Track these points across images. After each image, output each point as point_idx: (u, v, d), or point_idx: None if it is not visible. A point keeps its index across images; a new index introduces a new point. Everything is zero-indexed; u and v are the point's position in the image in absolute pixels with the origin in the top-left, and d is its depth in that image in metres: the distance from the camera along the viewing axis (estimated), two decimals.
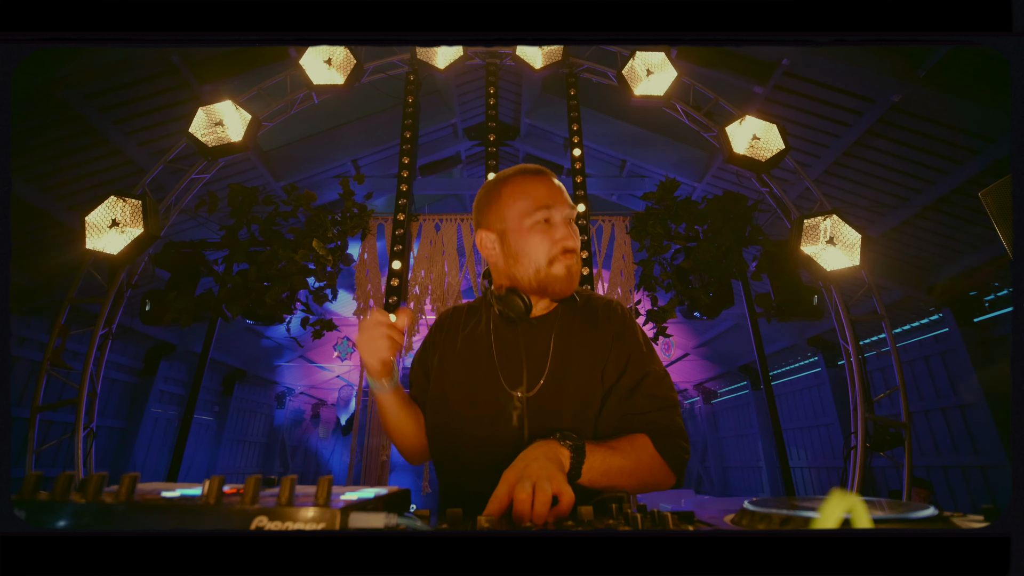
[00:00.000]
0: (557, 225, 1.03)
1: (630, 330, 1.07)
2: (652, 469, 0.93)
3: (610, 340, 1.04)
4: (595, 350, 1.03)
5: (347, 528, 0.47)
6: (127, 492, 0.51)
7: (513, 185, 1.05)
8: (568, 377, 1.01)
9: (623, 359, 1.03)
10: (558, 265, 1.01)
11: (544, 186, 1.04)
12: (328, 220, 4.08)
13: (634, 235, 4.30)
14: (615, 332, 1.05)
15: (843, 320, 3.86)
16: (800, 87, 4.31)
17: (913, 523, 0.59)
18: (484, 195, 1.11)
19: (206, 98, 4.22)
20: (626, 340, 1.05)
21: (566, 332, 1.05)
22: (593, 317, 1.08)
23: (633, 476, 0.91)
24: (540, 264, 1.02)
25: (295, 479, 0.51)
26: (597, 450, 0.87)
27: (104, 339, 3.70)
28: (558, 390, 1.00)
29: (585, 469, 0.85)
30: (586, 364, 1.02)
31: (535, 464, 0.80)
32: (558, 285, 1.03)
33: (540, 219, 1.02)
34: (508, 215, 1.04)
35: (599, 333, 1.05)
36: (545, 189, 1.03)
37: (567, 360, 1.02)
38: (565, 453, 0.84)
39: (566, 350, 1.03)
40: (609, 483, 0.88)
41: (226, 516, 0.47)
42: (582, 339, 1.05)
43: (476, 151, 6.99)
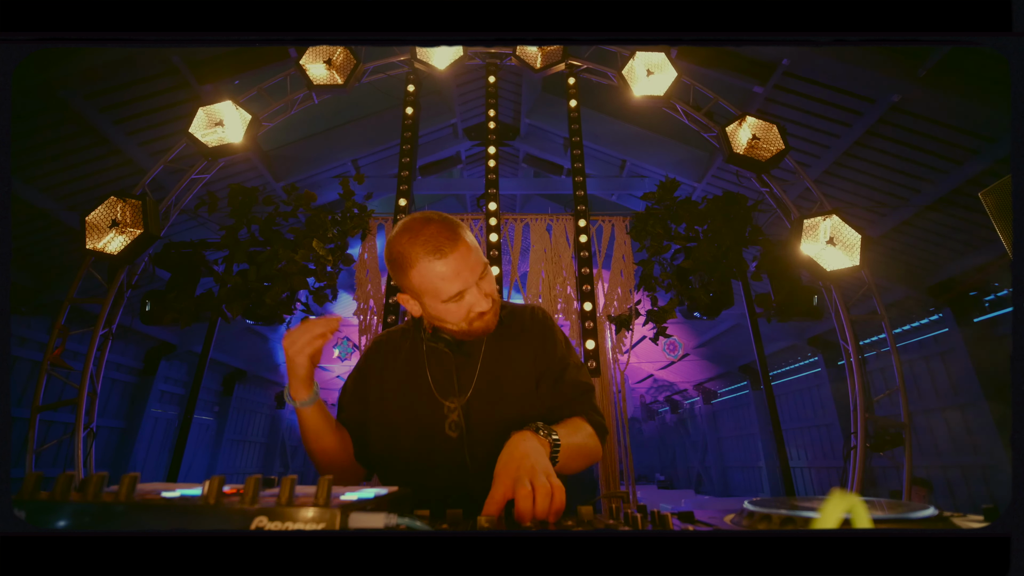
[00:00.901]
0: (470, 295, 1.04)
1: (549, 331, 1.21)
2: (592, 444, 1.08)
3: (535, 345, 1.18)
4: (523, 356, 1.16)
5: (347, 528, 0.47)
6: (127, 492, 0.51)
7: (421, 270, 1.00)
8: (501, 382, 1.13)
9: (548, 357, 1.17)
10: (476, 323, 1.07)
11: (450, 271, 0.99)
12: (328, 220, 4.08)
13: (634, 235, 4.30)
14: (538, 337, 1.19)
15: (843, 320, 3.86)
16: (800, 87, 4.31)
17: (913, 523, 0.59)
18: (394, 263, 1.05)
19: (206, 98, 4.22)
20: (547, 341, 1.19)
21: (495, 344, 1.16)
22: (518, 328, 1.20)
23: (582, 454, 1.03)
24: (460, 325, 1.07)
25: (295, 479, 0.51)
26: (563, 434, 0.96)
27: (104, 339, 3.70)
28: (493, 395, 1.11)
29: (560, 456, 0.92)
30: (518, 369, 1.15)
31: (526, 461, 0.82)
32: (478, 334, 1.10)
33: (455, 299, 1.03)
34: (421, 293, 1.04)
35: (524, 341, 1.18)
36: (452, 274, 0.99)
37: (498, 368, 1.14)
38: (546, 444, 0.90)
39: (496, 359, 1.15)
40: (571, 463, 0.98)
41: (226, 516, 0.47)
42: (510, 349, 1.17)
43: (476, 151, 6.99)
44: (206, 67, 4.14)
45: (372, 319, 4.11)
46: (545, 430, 0.92)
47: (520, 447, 0.86)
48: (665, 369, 10.83)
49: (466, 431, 1.09)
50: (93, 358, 3.58)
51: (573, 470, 1.02)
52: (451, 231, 1.01)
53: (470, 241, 1.05)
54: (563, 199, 7.45)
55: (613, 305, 4.19)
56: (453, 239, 1.00)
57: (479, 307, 1.05)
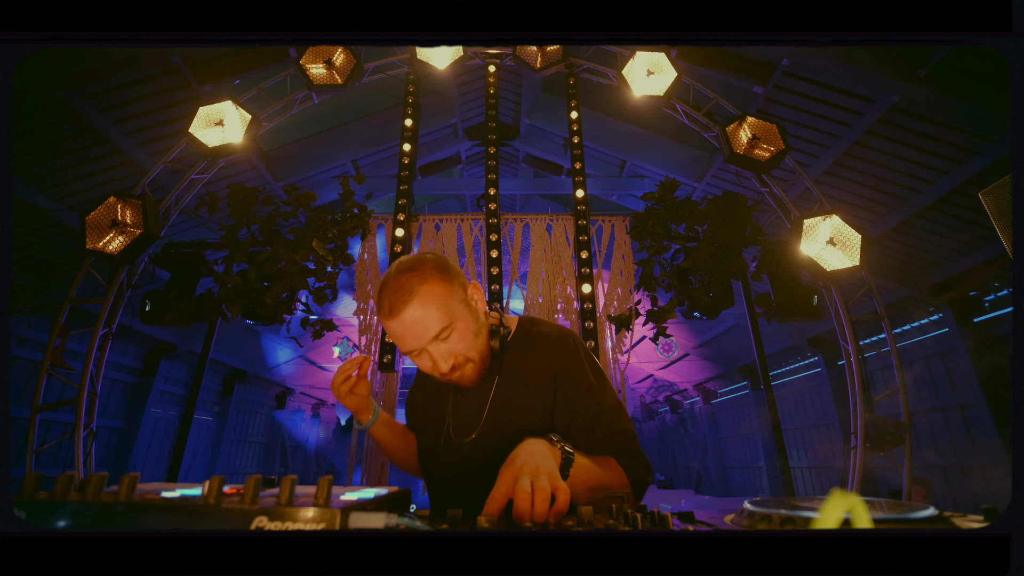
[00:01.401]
0: (427, 355, 1.05)
1: (577, 365, 1.12)
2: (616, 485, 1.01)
3: (554, 380, 1.11)
4: (536, 392, 1.11)
5: (347, 528, 0.47)
6: (127, 492, 0.51)
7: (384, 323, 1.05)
8: (505, 423, 1.10)
9: (572, 398, 1.09)
10: (448, 378, 1.08)
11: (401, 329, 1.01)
12: (328, 220, 4.08)
13: (634, 235, 4.30)
14: (559, 371, 1.11)
15: (843, 320, 3.86)
16: (800, 87, 4.31)
17: (913, 523, 0.59)
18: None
19: (206, 98, 4.22)
20: (572, 377, 1.11)
21: (507, 382, 1.14)
22: (536, 359, 1.14)
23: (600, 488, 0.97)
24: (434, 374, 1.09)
25: (295, 479, 0.51)
26: (584, 460, 0.93)
27: (104, 339, 3.70)
28: (495, 436, 1.09)
29: (572, 472, 0.89)
30: (526, 407, 1.10)
31: (531, 460, 0.81)
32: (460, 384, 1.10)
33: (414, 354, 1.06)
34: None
35: (540, 375, 1.12)
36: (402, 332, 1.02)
37: (506, 408, 1.12)
38: (557, 453, 0.88)
39: (505, 399, 1.12)
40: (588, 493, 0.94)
41: (226, 516, 0.47)
42: (522, 385, 1.12)
43: (476, 151, 6.99)
44: (206, 67, 4.14)
45: (372, 319, 4.11)
46: (560, 441, 0.91)
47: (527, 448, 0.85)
48: (665, 369, 10.83)
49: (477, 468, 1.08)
50: (93, 358, 3.58)
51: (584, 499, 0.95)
52: (404, 293, 1.00)
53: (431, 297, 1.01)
54: (563, 199, 7.45)
55: (613, 305, 4.19)
56: (404, 297, 1.00)
57: (438, 370, 1.05)
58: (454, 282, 1.05)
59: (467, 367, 1.07)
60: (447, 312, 1.02)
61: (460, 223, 4.45)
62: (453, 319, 1.03)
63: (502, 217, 4.35)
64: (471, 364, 1.07)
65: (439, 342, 1.02)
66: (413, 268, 1.03)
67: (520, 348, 1.16)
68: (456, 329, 1.03)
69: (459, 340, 1.04)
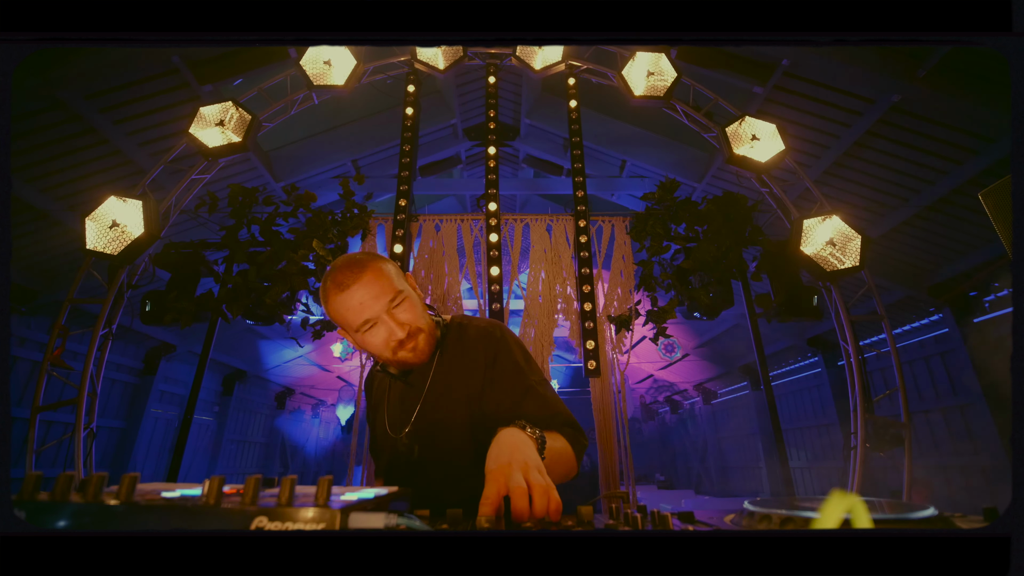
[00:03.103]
0: (382, 324, 1.08)
1: (504, 350, 1.19)
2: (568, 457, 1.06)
3: (483, 369, 1.16)
4: (468, 380, 1.16)
5: (347, 528, 0.47)
6: (127, 492, 0.51)
7: (332, 304, 1.09)
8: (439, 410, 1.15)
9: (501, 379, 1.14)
10: (401, 352, 1.11)
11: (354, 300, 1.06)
12: (328, 220, 4.08)
13: (634, 235, 4.29)
14: (488, 359, 1.17)
15: (843, 320, 3.86)
16: (800, 87, 4.31)
17: (913, 523, 0.59)
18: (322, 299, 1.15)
19: (206, 98, 4.22)
20: (501, 361, 1.17)
21: (441, 370, 1.19)
22: (465, 349, 1.20)
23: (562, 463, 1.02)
24: (387, 355, 1.13)
25: (295, 479, 0.51)
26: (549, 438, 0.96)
27: (104, 339, 3.70)
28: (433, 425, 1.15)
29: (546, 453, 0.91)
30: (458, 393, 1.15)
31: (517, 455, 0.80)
32: (408, 364, 1.15)
33: (365, 329, 1.08)
34: (342, 327, 1.13)
35: (472, 363, 1.17)
36: (355, 303, 1.06)
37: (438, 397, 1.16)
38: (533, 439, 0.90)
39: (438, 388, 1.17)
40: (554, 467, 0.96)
41: (226, 516, 0.47)
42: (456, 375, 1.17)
43: (476, 151, 6.99)
44: (206, 67, 4.14)
45: None
46: (531, 426, 0.92)
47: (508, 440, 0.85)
48: (665, 369, 10.83)
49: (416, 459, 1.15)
50: (93, 358, 3.58)
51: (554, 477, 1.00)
52: (356, 264, 1.08)
53: (378, 269, 1.08)
54: (563, 199, 7.45)
55: (613, 305, 4.19)
56: (356, 270, 1.07)
57: (395, 336, 1.08)
58: (395, 265, 1.15)
59: (420, 337, 1.11)
60: (398, 281, 1.11)
61: (460, 223, 4.45)
62: (403, 288, 1.11)
63: (502, 217, 4.35)
64: (423, 334, 1.12)
65: (393, 310, 1.08)
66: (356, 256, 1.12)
67: (454, 343, 1.22)
68: (407, 298, 1.10)
69: (410, 308, 1.11)
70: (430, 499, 1.04)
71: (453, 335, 1.23)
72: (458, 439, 1.12)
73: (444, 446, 1.13)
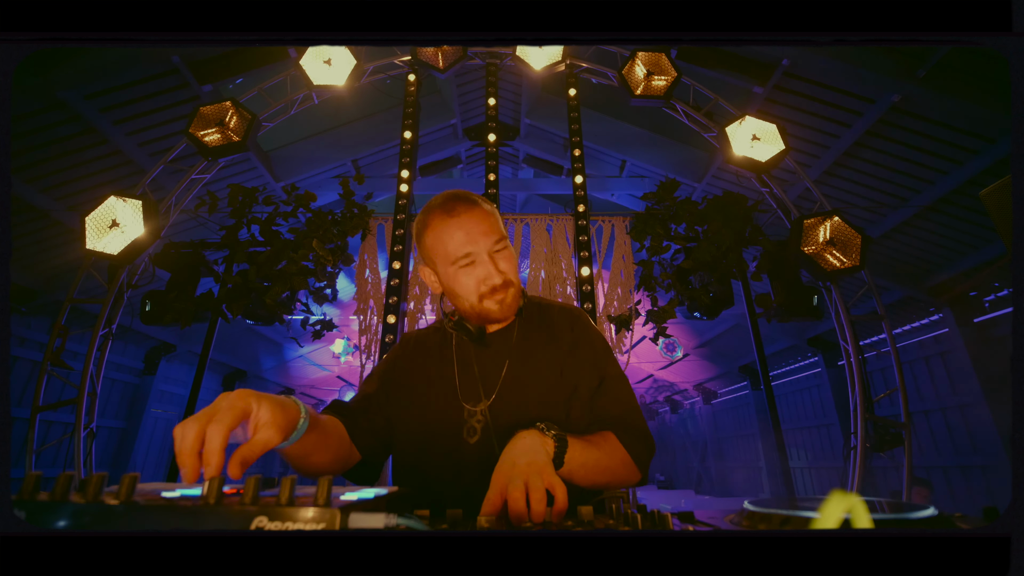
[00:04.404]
0: (481, 264, 1.02)
1: (586, 336, 1.12)
2: (622, 466, 0.97)
3: (567, 348, 1.09)
4: (553, 358, 1.07)
5: (347, 528, 0.47)
6: (127, 492, 0.51)
7: (434, 230, 1.04)
8: (527, 386, 1.05)
9: (583, 365, 1.07)
10: (488, 301, 1.03)
11: (461, 230, 1.01)
12: (328, 220, 4.08)
13: (634, 235, 4.29)
14: (572, 340, 1.10)
15: (843, 320, 3.86)
16: (800, 87, 4.31)
17: (913, 523, 0.59)
18: (416, 231, 1.09)
19: (206, 98, 4.22)
20: (583, 346, 1.10)
21: (523, 344, 1.10)
22: (550, 326, 1.13)
23: (607, 472, 0.94)
24: (472, 301, 1.04)
25: (295, 479, 0.51)
26: (577, 442, 0.89)
27: (104, 339, 3.70)
28: (517, 399, 1.03)
29: (567, 459, 0.85)
30: (545, 371, 1.06)
31: (523, 459, 0.79)
32: (493, 316, 1.05)
33: (464, 263, 1.02)
34: (435, 257, 1.05)
35: (556, 342, 1.10)
36: (462, 233, 1.01)
37: (525, 371, 1.06)
38: (549, 442, 0.85)
39: (524, 361, 1.07)
40: (586, 476, 0.90)
41: (226, 516, 0.47)
42: (540, 350, 1.09)
43: (476, 151, 6.99)
44: (206, 67, 4.14)
45: (372, 319, 4.11)
46: (550, 428, 0.87)
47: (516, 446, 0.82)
48: (665, 369, 10.83)
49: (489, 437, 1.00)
50: (93, 358, 3.58)
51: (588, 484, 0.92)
52: (468, 197, 1.04)
53: (489, 209, 1.05)
54: (563, 199, 7.45)
55: (613, 305, 4.19)
56: (468, 203, 1.03)
57: (491, 280, 1.02)
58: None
59: (510, 291, 1.04)
60: (503, 228, 1.06)
61: None
62: (506, 236, 1.06)
63: (502, 217, 4.35)
64: (513, 289, 1.05)
65: (495, 253, 1.03)
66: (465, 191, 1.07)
67: (537, 315, 1.15)
68: (508, 247, 1.05)
69: (510, 258, 1.05)
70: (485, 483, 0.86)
71: (534, 308, 1.16)
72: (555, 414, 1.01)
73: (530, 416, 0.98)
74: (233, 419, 0.66)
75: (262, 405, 0.70)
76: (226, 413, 0.65)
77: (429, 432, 1.05)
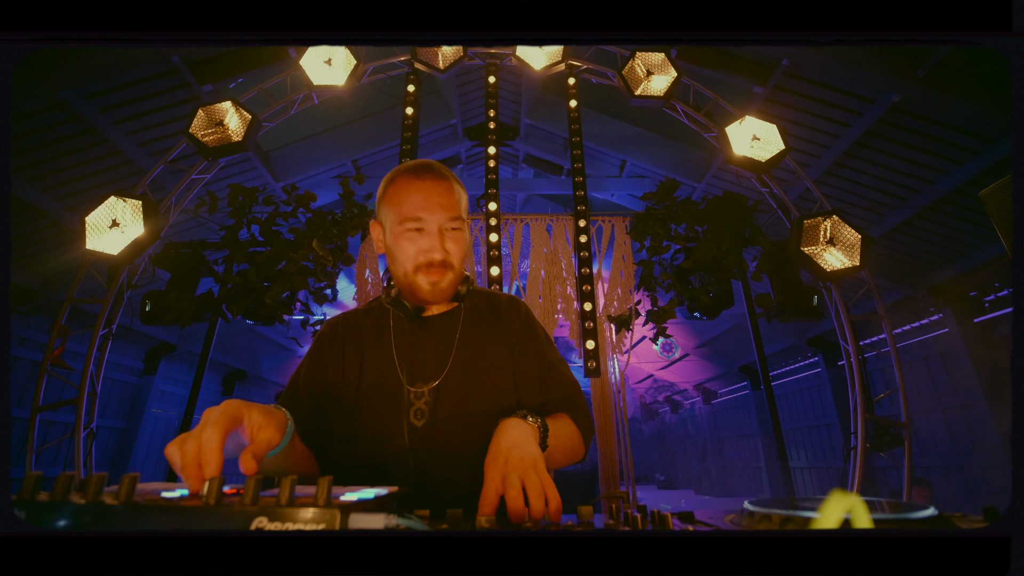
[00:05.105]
0: (428, 235, 1.00)
1: (530, 326, 1.15)
2: (580, 444, 1.05)
3: (516, 336, 1.11)
4: (500, 345, 1.09)
5: (347, 528, 0.47)
6: (127, 492, 0.51)
7: (395, 186, 1.02)
8: (478, 371, 1.05)
9: (532, 352, 1.10)
10: (421, 277, 1.01)
11: (420, 194, 0.99)
12: (328, 220, 4.08)
13: (634, 235, 4.29)
14: (520, 329, 1.13)
15: (843, 320, 3.86)
16: (800, 87, 4.31)
17: (913, 523, 0.59)
18: (380, 186, 1.07)
19: (206, 98, 4.22)
20: (531, 335, 1.13)
21: (470, 330, 1.09)
22: (496, 313, 1.14)
23: (567, 450, 1.00)
24: (407, 269, 1.02)
25: (295, 479, 0.51)
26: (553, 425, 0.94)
27: (104, 339, 3.70)
28: (467, 383, 1.03)
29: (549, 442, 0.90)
30: (494, 357, 1.07)
31: (514, 452, 0.79)
32: (421, 295, 1.02)
33: (411, 227, 0.99)
34: (388, 215, 1.03)
35: (505, 330, 1.11)
36: (421, 197, 0.98)
37: (474, 355, 1.06)
38: (535, 430, 0.87)
39: (471, 346, 1.07)
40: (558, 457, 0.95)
41: (226, 516, 0.47)
42: (489, 336, 1.10)
43: (476, 151, 6.99)
44: (206, 67, 4.14)
45: None
46: (533, 416, 0.90)
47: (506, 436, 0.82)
48: (665, 369, 10.83)
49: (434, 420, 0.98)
50: (93, 358, 3.58)
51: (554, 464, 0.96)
52: (439, 170, 1.03)
53: (456, 188, 1.04)
54: (563, 199, 7.45)
55: (613, 305, 4.19)
56: (437, 174, 1.02)
57: (432, 253, 0.99)
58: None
59: (449, 275, 1.02)
60: (464, 213, 1.05)
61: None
62: (466, 222, 1.05)
63: (502, 217, 4.35)
64: (452, 274, 1.03)
65: (446, 232, 1.01)
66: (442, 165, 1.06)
67: (484, 304, 1.15)
68: (463, 233, 1.04)
69: (460, 243, 1.04)
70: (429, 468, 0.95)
71: (481, 297, 1.16)
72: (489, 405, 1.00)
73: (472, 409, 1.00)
74: (227, 422, 0.66)
75: (252, 411, 0.72)
76: (219, 419, 0.66)
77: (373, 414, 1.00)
